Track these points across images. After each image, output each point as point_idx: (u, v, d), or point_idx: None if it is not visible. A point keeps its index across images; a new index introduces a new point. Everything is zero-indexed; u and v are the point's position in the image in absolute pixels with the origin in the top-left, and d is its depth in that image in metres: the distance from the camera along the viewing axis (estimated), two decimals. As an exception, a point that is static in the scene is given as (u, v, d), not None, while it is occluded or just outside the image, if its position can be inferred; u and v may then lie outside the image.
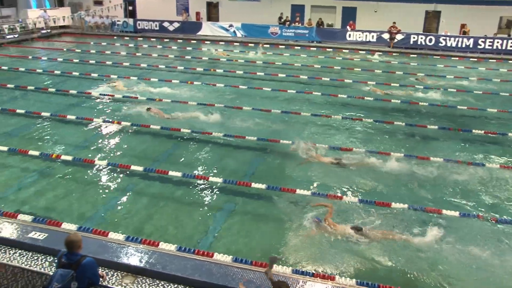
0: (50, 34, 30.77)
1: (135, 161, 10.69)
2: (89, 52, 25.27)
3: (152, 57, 23.99)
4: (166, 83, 18.20)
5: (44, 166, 10.57)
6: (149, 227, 8.10)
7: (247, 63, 22.72)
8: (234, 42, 28.90)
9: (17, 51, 25.61)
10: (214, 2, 32.56)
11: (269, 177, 10.10)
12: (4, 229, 7.11)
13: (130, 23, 31.84)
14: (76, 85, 17.73)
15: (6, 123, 13.53)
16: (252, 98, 16.44)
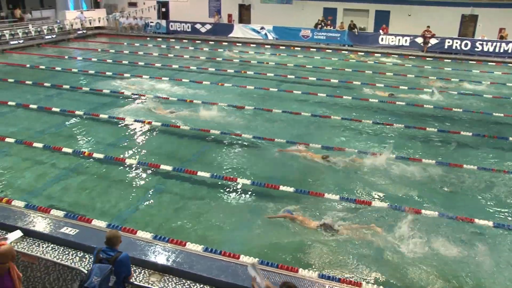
0: (86, 34, 31.50)
1: (165, 161, 10.82)
2: (122, 52, 25.74)
3: (184, 58, 24.25)
4: (197, 84, 18.38)
5: (77, 163, 10.82)
6: (177, 227, 8.16)
7: (278, 65, 22.70)
8: (265, 45, 28.93)
9: (54, 51, 26.34)
10: (246, 5, 32.68)
11: (296, 181, 10.04)
12: (38, 223, 7.30)
13: (163, 24, 32.28)
14: (109, 84, 18.08)
15: (42, 120, 13.93)
16: (282, 100, 16.40)
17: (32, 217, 7.51)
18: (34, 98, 15.93)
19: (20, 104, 15.08)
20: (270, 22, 30.42)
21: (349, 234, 7.81)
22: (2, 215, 7.53)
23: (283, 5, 31.40)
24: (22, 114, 14.49)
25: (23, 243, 6.87)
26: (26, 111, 14.70)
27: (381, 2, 29.54)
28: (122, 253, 5.43)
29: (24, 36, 27.63)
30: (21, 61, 22.97)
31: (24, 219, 7.42)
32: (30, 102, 15.28)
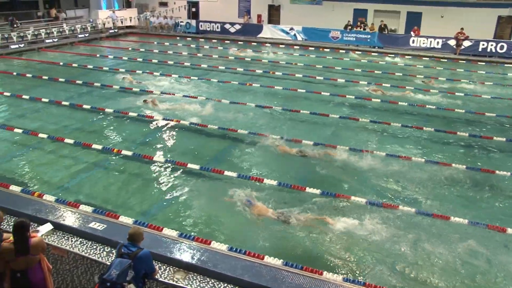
0: (117, 33, 32.07)
1: (192, 159, 10.91)
2: (152, 51, 26.07)
3: (213, 58, 24.40)
4: (225, 84, 18.47)
5: (106, 159, 11.03)
6: (202, 225, 8.22)
7: (307, 66, 22.59)
8: (294, 46, 28.83)
9: (86, 50, 26.92)
10: (276, 5, 32.66)
11: (324, 183, 9.98)
12: (67, 217, 7.46)
13: (193, 24, 32.57)
14: (139, 83, 18.33)
15: (73, 117, 14.25)
16: (310, 101, 16.32)
17: (62, 211, 7.68)
18: (66, 95, 16.32)
19: (53, 100, 15.47)
20: (299, 23, 30.30)
21: (302, 223, 8.24)
22: (34, 208, 7.73)
23: (313, 6, 31.24)
24: (54, 111, 14.86)
25: (54, 236, 7.03)
26: (59, 107, 15.07)
27: (413, 4, 29.07)
28: (143, 249, 5.53)
29: (59, 35, 28.33)
30: (55, 59, 23.56)
31: (54, 213, 7.59)
32: (63, 99, 15.66)
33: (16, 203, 7.89)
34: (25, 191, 8.56)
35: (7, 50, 24.61)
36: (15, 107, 15.48)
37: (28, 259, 5.42)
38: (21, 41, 25.96)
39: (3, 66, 21.77)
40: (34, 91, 16.74)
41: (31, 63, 22.51)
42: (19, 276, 5.46)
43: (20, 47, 25.45)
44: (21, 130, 12.64)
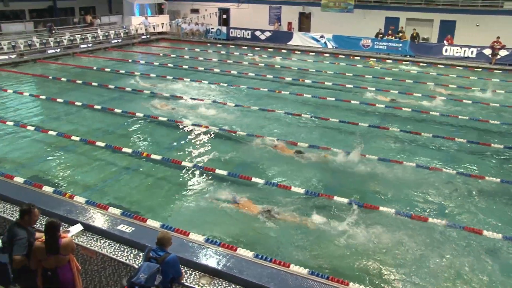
0: (149, 39, 32.63)
1: (220, 165, 10.95)
2: (183, 57, 26.38)
3: (243, 64, 24.52)
4: (254, 91, 18.52)
5: (135, 163, 11.20)
6: (229, 232, 8.22)
7: (337, 74, 22.43)
8: (324, 53, 28.70)
9: (119, 55, 27.48)
10: (307, 13, 32.63)
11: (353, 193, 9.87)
12: (97, 219, 7.58)
13: (223, 31, 32.84)
14: (169, 88, 18.59)
15: (105, 120, 14.55)
16: (339, 110, 16.20)
17: (92, 213, 7.82)
18: (98, 99, 16.67)
19: (85, 104, 15.83)
20: (330, 30, 30.17)
21: (286, 221, 8.53)
22: (65, 209, 7.89)
23: (344, 13, 31.04)
24: (87, 114, 15.19)
25: (83, 237, 7.15)
26: (91, 111, 15.40)
27: (447, 12, 28.58)
28: (170, 254, 5.56)
29: (93, 40, 29.02)
30: (89, 63, 24.14)
31: (84, 214, 7.73)
32: (95, 102, 16.00)
33: (49, 203, 8.08)
34: (57, 192, 8.76)
35: (44, 55, 25.37)
36: (50, 110, 15.93)
37: (58, 258, 5.53)
38: (58, 46, 26.71)
39: (40, 70, 22.45)
40: (68, 95, 17.18)
41: (66, 67, 23.11)
42: (49, 274, 5.58)
43: (56, 52, 26.19)
44: (55, 133, 12.97)
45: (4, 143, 12.61)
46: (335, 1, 31.08)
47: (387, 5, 30.15)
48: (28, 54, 24.83)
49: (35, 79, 20.70)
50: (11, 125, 13.81)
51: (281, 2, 33.22)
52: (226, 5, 35.16)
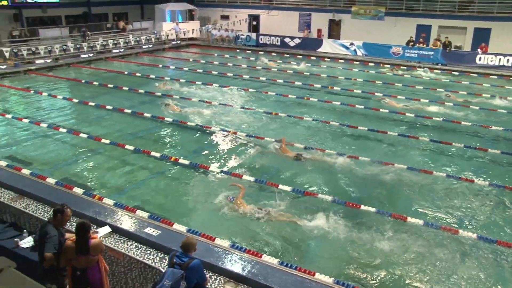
0: (179, 45, 33.05)
1: (247, 171, 10.97)
2: (212, 63, 26.59)
3: (271, 71, 24.54)
4: (283, 97, 18.51)
5: (163, 167, 11.32)
6: (254, 238, 8.21)
7: (366, 82, 22.21)
8: (354, 61, 28.47)
9: (149, 60, 27.93)
10: (337, 20, 32.48)
11: (380, 202, 9.73)
12: (125, 221, 7.70)
13: (253, 37, 32.99)
14: (198, 93, 18.77)
15: (134, 124, 14.78)
16: (369, 118, 16.01)
17: (120, 215, 7.94)
18: (129, 103, 16.96)
19: (116, 108, 16.13)
20: (360, 38, 29.93)
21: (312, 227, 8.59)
22: (94, 210, 8.05)
23: (374, 21, 30.78)
24: (117, 118, 15.48)
25: (111, 238, 7.27)
26: (121, 115, 15.68)
27: (481, 19, 27.94)
28: (194, 259, 5.51)
29: (125, 45, 29.61)
30: (120, 68, 24.61)
31: (113, 216, 7.86)
32: (125, 106, 16.28)
33: (78, 205, 8.26)
34: (87, 193, 8.94)
35: (78, 59, 26.00)
36: (81, 113, 16.29)
37: (88, 259, 5.62)
38: (91, 51, 27.35)
39: (73, 74, 23.02)
40: (100, 99, 17.55)
41: (98, 72, 23.62)
42: (79, 274, 5.68)
43: (89, 57, 26.81)
44: (86, 135, 13.26)
45: (37, 145, 12.97)
46: (365, 9, 30.89)
47: (419, 13, 29.70)
48: (62, 59, 25.51)
49: (69, 83, 21.24)
50: (44, 127, 14.20)
51: (311, 9, 33.18)
52: (256, 11, 35.34)
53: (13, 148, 12.75)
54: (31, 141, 13.26)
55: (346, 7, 31.78)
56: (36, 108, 16.94)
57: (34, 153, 12.31)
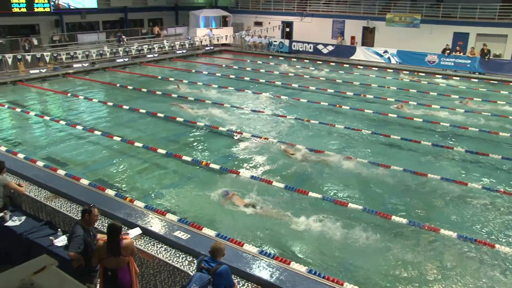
0: (213, 50, 33.39)
1: (278, 177, 10.93)
2: (245, 69, 26.73)
3: (304, 78, 24.46)
4: (315, 104, 18.41)
5: (194, 171, 11.40)
6: (283, 244, 8.17)
7: (400, 90, 21.85)
8: (387, 69, 28.10)
9: (183, 65, 28.30)
10: (371, 27, 32.16)
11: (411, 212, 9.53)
12: (155, 224, 7.77)
13: (286, 44, 33.02)
14: (230, 99, 18.89)
15: (167, 128, 14.99)
16: (402, 126, 15.74)
17: (150, 217, 8.02)
18: (161, 108, 17.19)
19: (149, 112, 16.38)
20: (394, 45, 29.54)
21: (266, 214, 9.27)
22: (126, 212, 8.16)
23: (409, 28, 30.31)
24: (150, 121, 15.72)
25: (141, 240, 7.35)
26: (154, 118, 15.93)
27: (523, 26, 27.11)
28: (222, 265, 5.50)
29: (159, 51, 30.13)
30: (154, 73, 25.02)
31: (143, 219, 7.95)
32: (158, 110, 16.51)
33: (110, 206, 8.39)
34: (119, 195, 9.07)
35: (113, 64, 26.62)
36: (116, 116, 16.64)
37: (119, 259, 5.71)
38: (126, 56, 27.94)
39: (109, 78, 23.55)
40: (134, 102, 17.88)
41: (133, 76, 24.09)
42: (109, 274, 5.76)
43: (124, 61, 27.40)
44: (119, 138, 13.51)
45: (73, 146, 13.30)
46: (400, 16, 30.47)
47: (456, 20, 29.06)
48: (99, 63, 26.17)
49: (104, 87, 21.74)
50: (80, 129, 14.55)
51: (345, 16, 32.98)
52: (290, 18, 35.38)
53: (50, 149, 13.13)
54: (67, 143, 13.61)
55: (380, 14, 31.44)
56: (73, 111, 17.42)
57: (69, 154, 12.63)
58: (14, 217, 7.75)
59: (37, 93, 20.57)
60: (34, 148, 13.18)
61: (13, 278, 2.26)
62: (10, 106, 17.66)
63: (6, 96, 19.63)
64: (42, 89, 21.04)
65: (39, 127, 15.47)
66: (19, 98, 19.46)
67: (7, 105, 17.78)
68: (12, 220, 7.67)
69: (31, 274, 2.30)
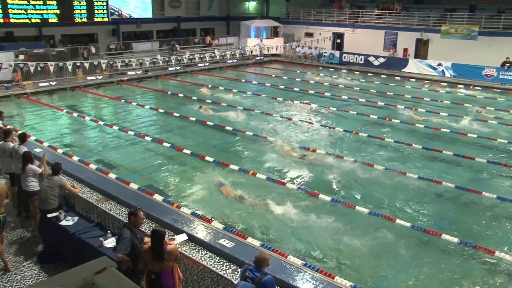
0: (263, 60, 33.61)
1: (325, 190, 10.79)
2: (294, 80, 26.71)
3: (354, 90, 24.14)
4: (363, 117, 18.11)
5: (240, 180, 11.41)
6: (327, 258, 8.04)
7: (454, 104, 21.08)
8: (441, 82, 27.24)
9: (233, 74, 28.67)
10: (425, 40, 31.36)
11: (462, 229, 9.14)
12: (200, 231, 7.86)
13: (336, 55, 32.76)
14: (279, 109, 18.91)
15: (215, 136, 15.19)
16: (454, 142, 15.18)
17: (196, 224, 8.12)
18: (211, 116, 17.44)
19: (199, 120, 16.66)
20: (448, 58, 28.61)
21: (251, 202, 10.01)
22: (172, 218, 8.30)
23: (466, 40, 29.26)
24: (199, 129, 15.98)
25: (186, 246, 7.44)
26: (203, 126, 16.18)
27: None
28: (267, 275, 5.47)
29: (210, 60, 30.66)
30: (204, 81, 25.48)
31: (189, 225, 8.06)
32: (208, 119, 16.75)
33: (158, 211, 8.57)
34: (166, 201, 9.24)
35: (165, 72, 27.34)
36: (166, 123, 17.05)
37: (162, 264, 5.79)
38: (178, 64, 28.63)
39: (161, 86, 24.20)
40: (184, 110, 18.24)
41: (184, 84, 24.61)
42: (153, 277, 5.86)
43: (176, 69, 28.10)
44: (169, 145, 13.80)
45: (124, 151, 13.72)
46: (457, 28, 29.52)
47: (518, 32, 27.80)
48: (152, 71, 26.95)
49: (156, 94, 22.34)
50: (131, 134, 15.00)
51: (398, 28, 32.31)
52: (341, 29, 35.09)
53: (103, 152, 13.60)
54: (119, 147, 14.06)
55: (435, 26, 30.57)
56: (125, 116, 18.00)
57: (120, 158, 13.03)
58: (68, 217, 8.05)
59: (93, 99, 21.43)
60: (88, 151, 13.70)
61: (76, 278, 2.38)
62: (68, 110, 18.47)
63: (65, 101, 20.58)
64: (97, 95, 21.89)
65: (93, 131, 16.08)
66: (76, 103, 20.34)
67: (65, 109, 18.61)
68: (66, 219, 7.96)
69: (93, 274, 2.41)
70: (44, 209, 8.22)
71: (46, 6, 26.98)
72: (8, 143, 9.71)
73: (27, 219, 9.45)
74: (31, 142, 12.27)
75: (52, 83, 22.57)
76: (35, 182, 8.80)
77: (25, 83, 21.83)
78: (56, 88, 22.50)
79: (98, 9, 29.38)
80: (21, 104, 19.87)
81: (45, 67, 22.38)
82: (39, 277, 7.55)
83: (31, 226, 9.19)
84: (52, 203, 8.19)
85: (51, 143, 13.54)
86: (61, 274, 2.54)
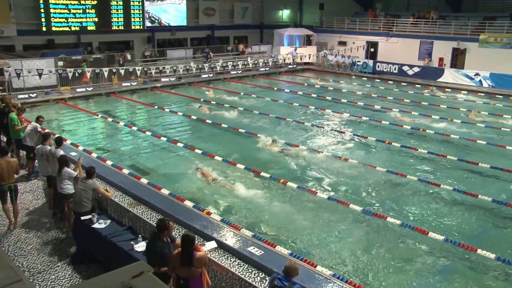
0: (295, 69, 33.58)
1: (357, 200, 10.67)
2: (327, 88, 26.53)
3: (387, 99, 23.78)
4: (396, 127, 17.80)
5: (270, 188, 11.39)
6: (356, 268, 7.91)
7: (491, 116, 20.37)
8: (479, 92, 26.53)
9: (265, 82, 28.73)
10: (462, 49, 30.66)
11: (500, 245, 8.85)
12: (229, 238, 7.87)
13: (370, 64, 32.40)
14: (311, 118, 18.82)
15: (247, 144, 15.18)
16: (491, 154, 14.72)
17: (225, 231, 8.14)
18: (242, 122, 17.51)
19: (230, 127, 16.74)
20: (486, 68, 27.86)
21: None
22: (202, 224, 8.34)
23: (506, 50, 28.39)
24: (231, 136, 16.04)
25: (215, 253, 7.46)
26: (235, 134, 16.24)
27: None
28: (296, 284, 5.45)
29: (243, 67, 30.86)
30: (236, 89, 25.65)
31: (219, 232, 8.08)
32: (240, 126, 16.82)
33: (188, 217, 8.63)
34: (196, 207, 9.31)
35: (198, 79, 27.66)
36: (198, 129, 17.23)
37: (191, 270, 5.82)
38: (211, 71, 28.92)
39: (194, 93, 24.47)
40: (216, 117, 18.38)
41: (216, 91, 24.80)
42: (182, 283, 5.89)
43: (209, 77, 28.38)
44: (201, 151, 13.90)
45: (156, 156, 13.92)
46: (496, 37, 28.73)
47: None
48: (185, 78, 27.33)
49: (189, 100, 22.59)
50: (164, 140, 15.21)
51: (433, 37, 31.71)
52: (375, 38, 34.71)
53: (135, 157, 13.85)
54: (151, 153, 14.29)
55: (473, 35, 29.83)
56: (158, 122, 18.28)
57: (152, 164, 13.22)
58: (101, 220, 8.21)
59: (127, 105, 21.88)
60: (121, 155, 13.97)
61: (114, 281, 2.45)
62: (103, 115, 18.92)
63: (100, 107, 21.10)
64: (131, 101, 22.33)
65: (127, 136, 16.40)
66: (111, 108, 20.82)
67: (101, 114, 19.07)
68: (98, 222, 8.13)
69: (130, 278, 2.47)
70: (78, 211, 8.42)
71: (85, 15, 27.91)
72: (45, 146, 10.02)
73: (61, 221, 9.71)
74: (67, 145, 12.61)
75: (88, 88, 23.17)
76: (70, 185, 9.04)
77: (62, 89, 22.51)
78: (92, 93, 23.10)
79: (135, 17, 30.15)
80: (59, 109, 20.47)
81: (83, 73, 22.98)
82: (72, 278, 7.72)
83: (65, 227, 9.44)
84: (85, 206, 8.38)
85: (86, 147, 13.87)
86: (99, 277, 2.61)
